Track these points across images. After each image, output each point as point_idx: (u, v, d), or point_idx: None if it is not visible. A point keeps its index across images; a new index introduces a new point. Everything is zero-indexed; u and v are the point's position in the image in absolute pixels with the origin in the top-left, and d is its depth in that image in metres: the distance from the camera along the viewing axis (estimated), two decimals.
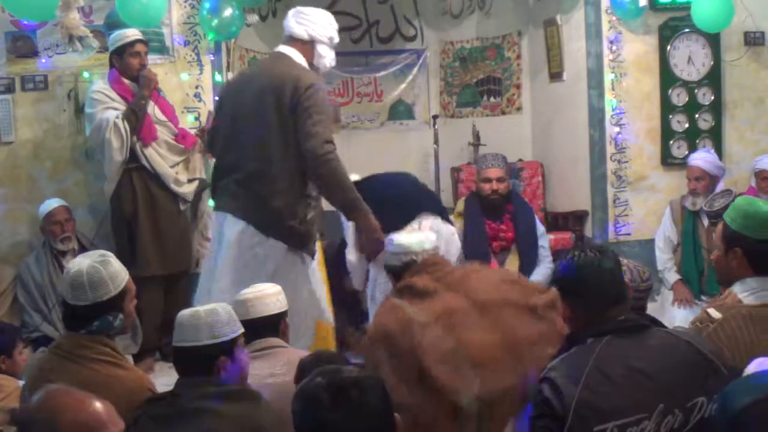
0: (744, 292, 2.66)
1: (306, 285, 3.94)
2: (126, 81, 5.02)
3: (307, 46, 3.97)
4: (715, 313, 2.63)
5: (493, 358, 2.76)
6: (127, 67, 5.00)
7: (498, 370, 2.74)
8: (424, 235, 3.45)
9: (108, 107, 4.94)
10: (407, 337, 2.81)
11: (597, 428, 2.21)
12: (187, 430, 2.46)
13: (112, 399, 2.56)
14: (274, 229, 3.85)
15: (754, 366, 2.04)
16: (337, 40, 4.06)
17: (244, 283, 3.64)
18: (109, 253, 2.84)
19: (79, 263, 2.75)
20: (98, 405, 1.99)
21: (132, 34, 5.00)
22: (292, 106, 3.77)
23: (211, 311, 2.63)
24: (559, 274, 2.52)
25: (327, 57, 3.99)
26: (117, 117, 4.90)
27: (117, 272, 2.77)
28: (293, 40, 3.98)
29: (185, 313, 2.65)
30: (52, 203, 5.11)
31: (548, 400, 2.27)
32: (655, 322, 2.45)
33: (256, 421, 2.52)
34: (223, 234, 3.94)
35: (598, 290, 2.41)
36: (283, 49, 4.00)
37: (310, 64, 3.98)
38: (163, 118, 5.11)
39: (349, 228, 4.28)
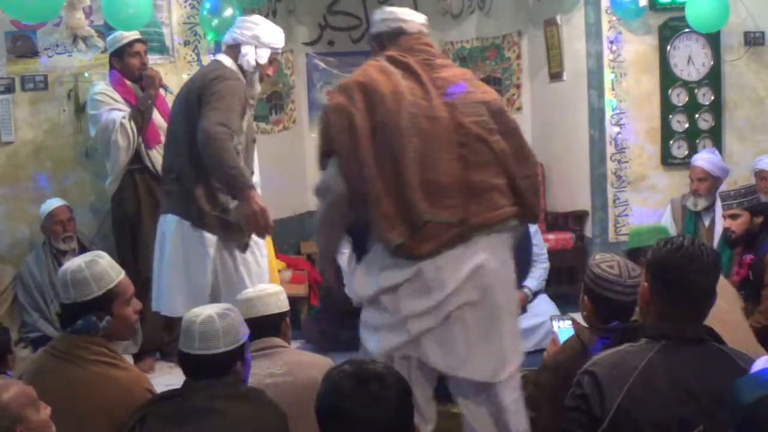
0: None
1: (243, 278, 4.01)
2: (128, 83, 5.02)
3: (234, 49, 4.13)
4: None
5: (447, 189, 3.09)
6: (128, 67, 5.00)
7: (445, 204, 3.08)
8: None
9: (113, 108, 4.94)
10: (395, 99, 3.10)
11: None
12: (196, 429, 2.47)
13: (109, 400, 2.58)
14: (202, 220, 3.97)
15: (762, 363, 2.02)
16: (266, 39, 4.11)
17: (190, 279, 3.99)
18: (103, 254, 2.77)
19: (71, 262, 2.71)
20: (10, 394, 2.07)
21: (130, 34, 4.99)
22: (199, 98, 3.94)
23: (223, 315, 2.59)
24: (662, 253, 2.32)
25: (249, 54, 4.07)
26: (124, 117, 4.91)
27: (103, 273, 2.68)
28: (225, 47, 4.20)
29: (195, 319, 2.56)
30: (54, 202, 5.11)
31: (587, 396, 2.20)
32: (713, 336, 2.32)
33: (265, 423, 2.53)
34: (164, 233, 4.08)
35: (692, 291, 2.28)
36: (217, 56, 4.27)
37: (239, 66, 4.12)
38: (164, 122, 5.10)
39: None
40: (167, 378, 4.66)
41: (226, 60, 4.13)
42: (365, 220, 3.13)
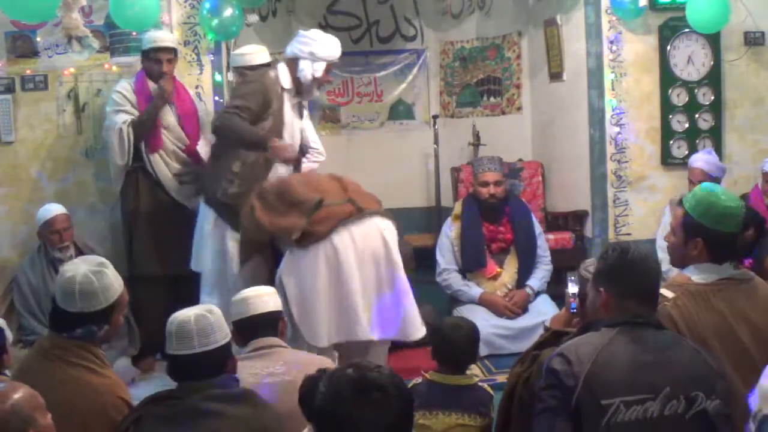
0: (696, 275, 2.77)
1: (225, 254, 4.60)
2: (149, 83, 5.04)
3: (292, 62, 4.67)
4: (667, 293, 2.72)
5: (333, 191, 4.22)
6: (148, 70, 5.04)
7: (334, 195, 4.18)
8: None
9: (120, 110, 4.97)
10: (278, 182, 4.27)
11: (604, 402, 2.25)
12: (191, 430, 2.46)
13: (79, 404, 2.58)
14: (205, 194, 4.72)
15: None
16: (322, 54, 4.62)
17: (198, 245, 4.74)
18: (107, 263, 2.76)
19: (75, 269, 2.67)
20: (21, 395, 2.06)
21: (158, 39, 5.03)
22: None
23: (211, 310, 2.61)
24: (608, 260, 2.53)
25: (306, 70, 4.62)
26: (125, 122, 4.93)
27: (110, 284, 2.69)
28: (286, 58, 4.74)
29: (187, 319, 2.55)
30: (52, 210, 5.01)
31: (557, 372, 2.32)
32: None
33: (261, 424, 2.52)
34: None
35: (639, 282, 2.46)
36: (278, 64, 4.78)
37: (295, 78, 4.67)
38: (175, 124, 5.11)
39: None
40: (167, 378, 4.65)
41: (283, 69, 4.68)
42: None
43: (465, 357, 3.36)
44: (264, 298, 3.09)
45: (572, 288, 3.07)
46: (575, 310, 3.02)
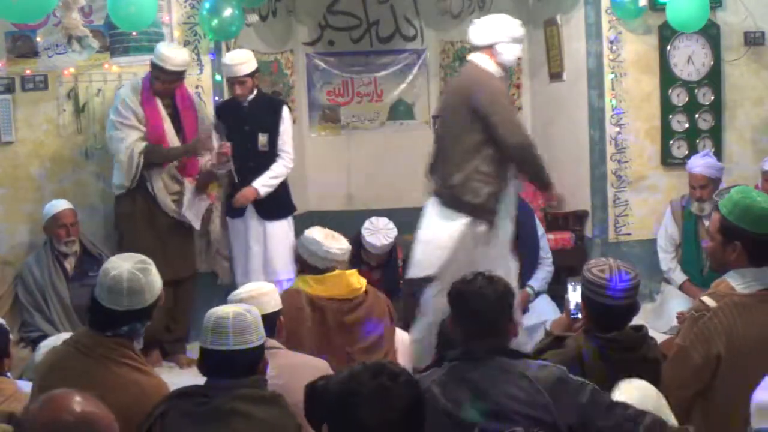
0: (739, 283, 2.74)
1: (480, 252, 4.49)
2: (155, 96, 5.02)
3: (489, 48, 4.50)
4: (710, 302, 2.71)
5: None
6: (152, 82, 5.02)
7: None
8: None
9: (126, 125, 4.95)
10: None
11: None
12: (218, 429, 2.45)
13: (128, 403, 2.56)
14: (453, 202, 4.51)
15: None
16: (518, 33, 4.57)
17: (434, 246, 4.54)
18: (148, 259, 2.79)
19: (119, 267, 2.70)
20: (95, 408, 1.98)
21: (170, 60, 4.93)
22: (473, 105, 4.42)
23: (249, 310, 2.60)
24: (453, 287, 2.69)
25: (507, 53, 4.50)
26: (136, 144, 4.91)
27: (155, 282, 2.74)
28: (478, 49, 4.56)
29: (225, 315, 2.54)
30: (59, 205, 5.05)
31: None
32: (510, 353, 2.57)
33: (286, 427, 2.51)
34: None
35: (474, 316, 2.58)
36: (471, 56, 4.62)
37: (498, 63, 4.52)
38: (176, 142, 5.10)
39: None
40: (167, 378, 4.64)
41: (482, 60, 4.50)
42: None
43: None
44: (262, 299, 3.07)
45: (572, 293, 3.07)
46: (576, 315, 3.02)
